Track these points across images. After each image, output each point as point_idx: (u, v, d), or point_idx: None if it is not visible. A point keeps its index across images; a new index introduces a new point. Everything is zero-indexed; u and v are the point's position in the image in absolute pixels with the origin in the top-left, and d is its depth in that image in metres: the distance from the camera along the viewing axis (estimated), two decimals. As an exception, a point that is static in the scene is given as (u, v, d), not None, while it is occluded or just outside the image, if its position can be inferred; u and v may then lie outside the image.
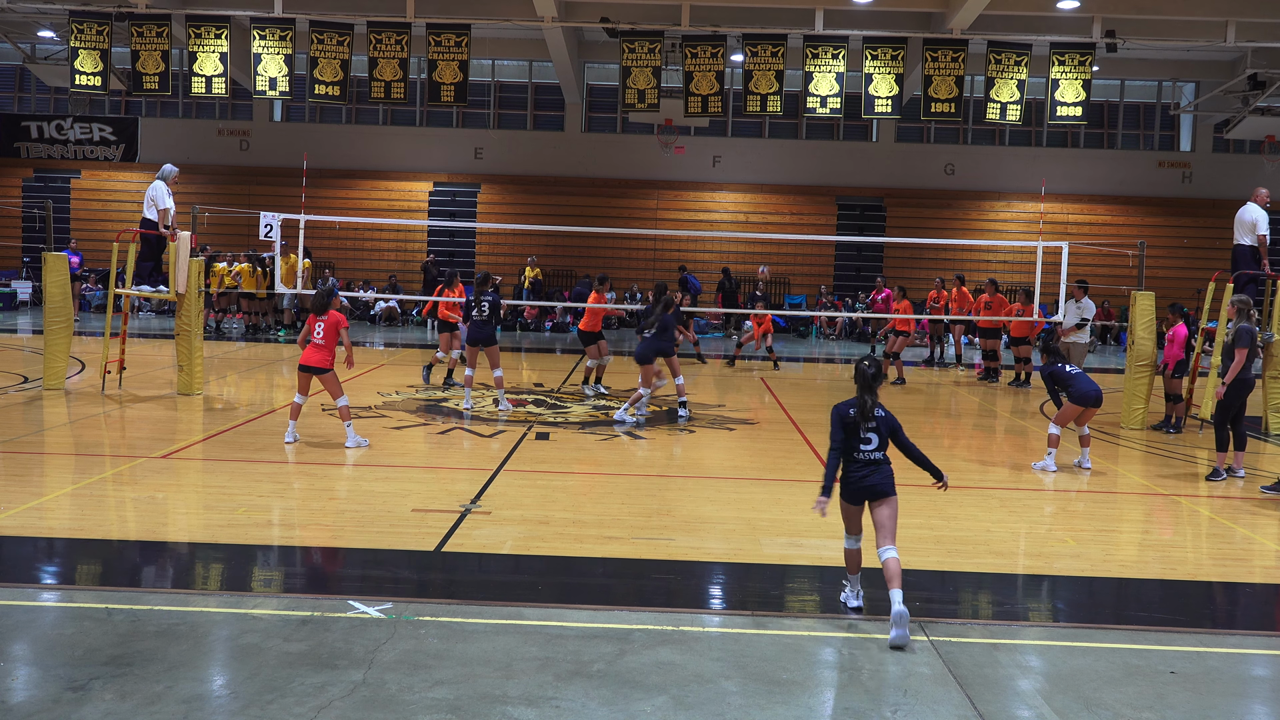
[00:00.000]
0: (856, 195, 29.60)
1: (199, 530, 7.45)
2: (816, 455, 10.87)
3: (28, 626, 5.48)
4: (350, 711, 4.55)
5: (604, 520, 7.89)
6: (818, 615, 6.09)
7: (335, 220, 23.83)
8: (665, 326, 12.65)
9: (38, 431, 10.86)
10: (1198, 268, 26.50)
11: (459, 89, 18.92)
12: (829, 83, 18.53)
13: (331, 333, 10.25)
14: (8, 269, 28.64)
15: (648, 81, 18.82)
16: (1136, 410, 13.35)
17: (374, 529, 7.49)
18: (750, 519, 8.09)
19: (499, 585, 6.61)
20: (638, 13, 20.59)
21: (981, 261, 28.65)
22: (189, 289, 13.44)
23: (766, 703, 4.79)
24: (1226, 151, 29.28)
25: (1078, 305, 16.40)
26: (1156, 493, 9.77)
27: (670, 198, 29.63)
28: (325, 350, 10.22)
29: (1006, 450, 12.01)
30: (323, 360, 10.19)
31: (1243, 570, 7.41)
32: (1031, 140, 29.95)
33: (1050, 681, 5.16)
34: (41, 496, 8.08)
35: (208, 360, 16.20)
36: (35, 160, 29.94)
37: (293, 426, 10.53)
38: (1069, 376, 10.25)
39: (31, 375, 14.37)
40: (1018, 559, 7.47)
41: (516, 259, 27.54)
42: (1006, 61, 18.49)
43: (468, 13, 20.10)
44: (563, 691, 4.81)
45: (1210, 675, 5.32)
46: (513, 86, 30.34)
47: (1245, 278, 13.15)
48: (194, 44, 18.91)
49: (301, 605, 5.80)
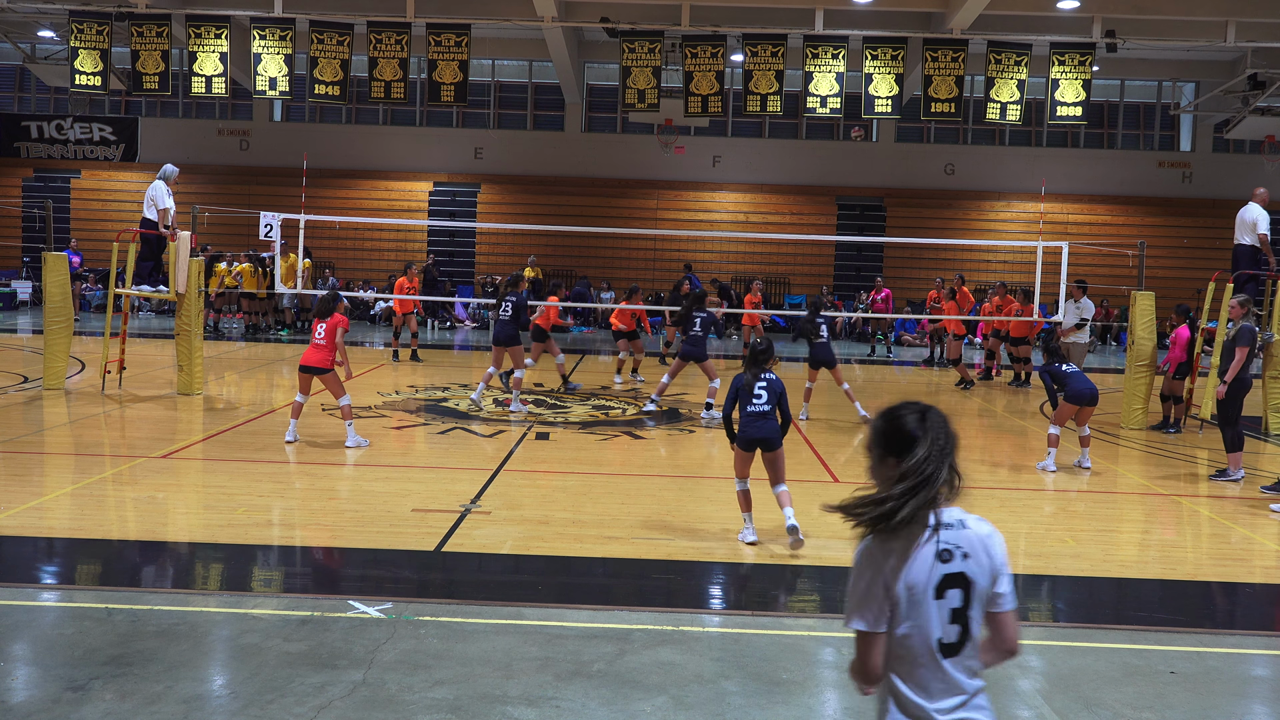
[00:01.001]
0: (856, 195, 29.60)
1: (199, 530, 7.44)
2: (817, 455, 10.87)
3: (28, 626, 5.48)
4: (350, 711, 4.55)
5: (604, 520, 7.89)
6: (818, 615, 6.09)
7: (335, 220, 23.83)
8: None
9: (38, 431, 10.86)
10: (1198, 268, 26.49)
11: (459, 89, 18.92)
12: (829, 83, 18.53)
13: (331, 334, 10.24)
14: (8, 269, 28.64)
15: (648, 81, 18.82)
16: (1136, 410, 13.35)
17: (374, 529, 7.49)
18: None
19: (499, 585, 6.61)
20: (638, 13, 20.58)
21: (981, 261, 28.66)
22: (189, 289, 13.44)
23: (766, 703, 4.79)
24: (1226, 151, 29.27)
25: (1077, 305, 16.40)
26: (1156, 493, 9.78)
27: (670, 198, 29.63)
28: (325, 350, 10.19)
29: (1006, 450, 12.01)
30: (323, 360, 10.17)
31: (1243, 570, 7.41)
32: (1031, 140, 29.94)
33: (1050, 681, 5.16)
34: (41, 496, 8.08)
35: (208, 360, 16.20)
36: (35, 160, 29.93)
37: (293, 425, 10.54)
38: (1065, 375, 10.31)
39: (31, 375, 14.37)
40: (1018, 559, 7.46)
41: (516, 259, 27.52)
42: (1006, 61, 18.49)
43: (468, 13, 20.10)
44: (563, 691, 4.81)
45: (1210, 675, 5.32)
46: (513, 86, 30.33)
47: (1245, 277, 13.16)
48: (194, 44, 18.91)
49: (301, 605, 5.80)
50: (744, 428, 7.20)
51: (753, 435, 7.16)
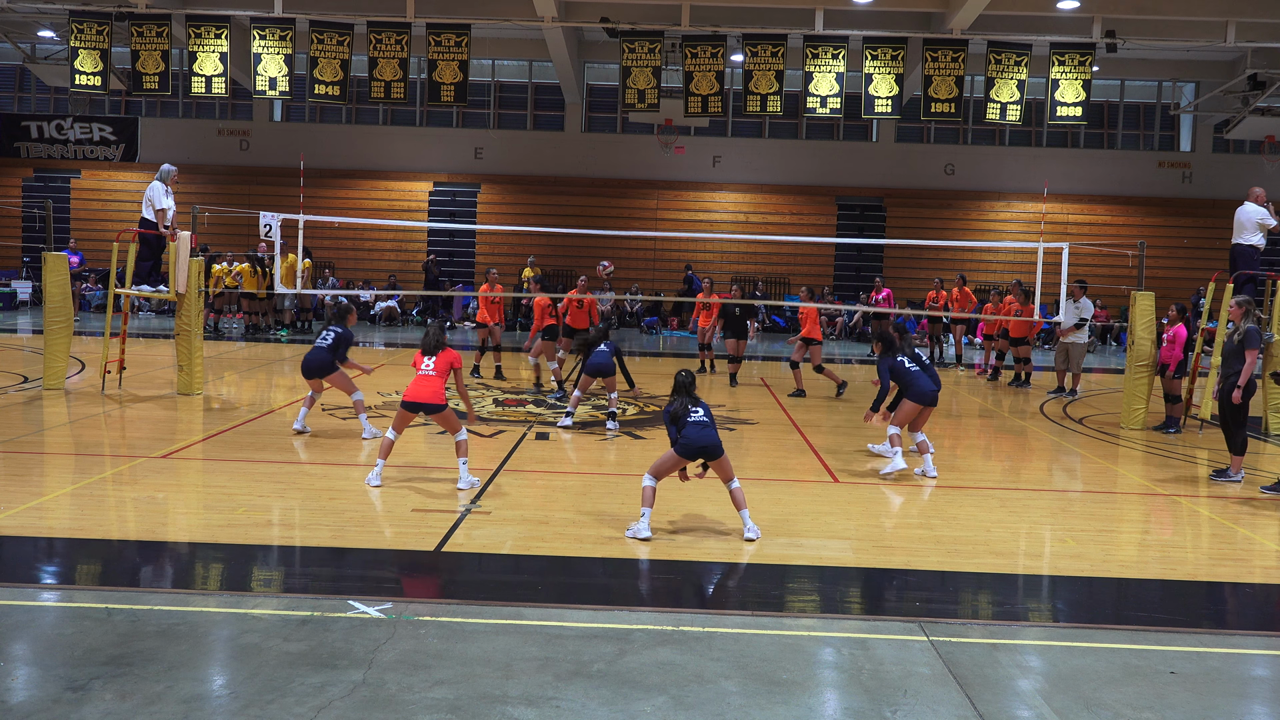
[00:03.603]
0: (856, 195, 29.60)
1: (199, 530, 7.44)
2: (817, 456, 10.87)
3: (28, 626, 5.48)
4: (350, 711, 4.55)
5: (604, 520, 7.89)
6: (818, 615, 6.09)
7: (335, 220, 23.83)
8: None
9: (38, 431, 10.86)
10: (1198, 268, 26.52)
11: (459, 89, 18.92)
12: (829, 83, 18.53)
13: (444, 371, 8.91)
14: (8, 269, 28.64)
15: (648, 81, 18.82)
16: (1136, 410, 13.34)
17: (374, 529, 7.49)
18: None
19: (499, 585, 6.61)
20: (638, 13, 20.59)
21: (981, 262, 28.66)
22: (189, 289, 13.44)
23: (766, 703, 4.79)
24: (1226, 151, 29.28)
25: (1076, 305, 16.40)
26: (1156, 493, 9.77)
27: (670, 198, 29.63)
28: (438, 382, 8.87)
29: (1006, 450, 12.01)
30: (435, 395, 8.82)
31: (1243, 570, 7.41)
32: (1032, 140, 29.94)
33: (1050, 681, 5.16)
34: (41, 496, 8.08)
35: (208, 360, 16.20)
36: (35, 160, 29.94)
37: (380, 467, 8.94)
38: (909, 373, 9.69)
39: (31, 375, 14.37)
40: (1018, 559, 7.47)
41: (516, 259, 27.52)
42: (1006, 61, 18.50)
43: (468, 13, 20.10)
44: (563, 691, 4.81)
45: (1210, 675, 5.32)
46: (513, 86, 30.33)
47: (1244, 277, 13.16)
48: (194, 44, 18.92)
49: (301, 605, 5.80)
50: (687, 438, 7.39)
51: (696, 443, 7.38)
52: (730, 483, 7.53)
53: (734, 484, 7.52)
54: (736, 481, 7.54)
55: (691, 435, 7.40)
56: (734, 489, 7.51)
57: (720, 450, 7.47)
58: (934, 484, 9.66)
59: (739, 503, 7.49)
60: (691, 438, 7.40)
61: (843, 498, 9.03)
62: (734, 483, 7.53)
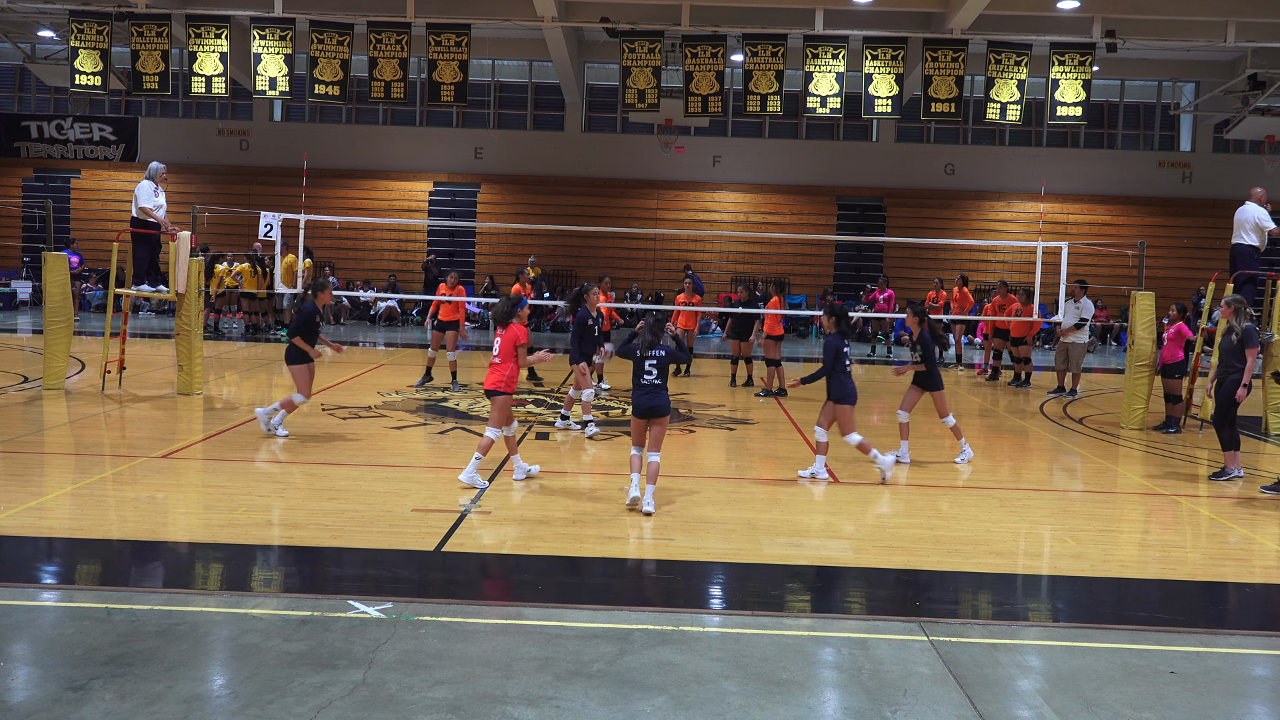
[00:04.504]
0: (856, 195, 29.60)
1: (199, 530, 7.44)
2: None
3: (28, 626, 5.48)
4: (350, 711, 4.55)
5: (604, 520, 7.89)
6: (818, 615, 6.09)
7: (335, 220, 23.83)
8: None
9: (38, 431, 10.86)
10: (1198, 268, 26.52)
11: (459, 89, 18.91)
12: (829, 83, 18.52)
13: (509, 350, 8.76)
14: (8, 269, 28.64)
15: (648, 81, 18.81)
16: (1136, 410, 13.34)
17: (374, 529, 7.48)
18: (750, 519, 8.09)
19: (499, 585, 6.61)
20: (638, 13, 20.58)
21: (981, 261, 28.65)
22: (189, 289, 13.44)
23: (766, 703, 4.79)
24: (1226, 151, 29.28)
25: (1076, 305, 16.40)
26: (1156, 493, 9.77)
27: (670, 198, 29.63)
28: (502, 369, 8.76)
29: (1006, 450, 12.01)
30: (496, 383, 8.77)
31: (1243, 570, 7.41)
32: (1031, 140, 29.94)
33: (1050, 681, 5.16)
34: (41, 496, 8.08)
35: (208, 360, 16.20)
36: (35, 160, 29.94)
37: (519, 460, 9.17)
38: (845, 370, 9.46)
39: (31, 375, 14.36)
40: (1018, 559, 7.47)
41: (516, 259, 27.51)
42: (1006, 61, 18.49)
43: (468, 13, 20.09)
44: (563, 691, 4.81)
45: (1210, 675, 5.32)
46: (513, 86, 30.33)
47: (1244, 277, 13.16)
48: (194, 44, 18.91)
49: (301, 605, 5.80)
50: (636, 403, 8.20)
51: (643, 405, 8.17)
52: (651, 454, 8.08)
53: (654, 456, 8.08)
54: (658, 455, 8.12)
55: (637, 399, 8.22)
56: (652, 461, 8.07)
57: (664, 412, 8.17)
58: (933, 485, 9.66)
59: (651, 475, 8.06)
60: (637, 401, 8.21)
61: (843, 498, 9.03)
62: (654, 455, 8.09)
